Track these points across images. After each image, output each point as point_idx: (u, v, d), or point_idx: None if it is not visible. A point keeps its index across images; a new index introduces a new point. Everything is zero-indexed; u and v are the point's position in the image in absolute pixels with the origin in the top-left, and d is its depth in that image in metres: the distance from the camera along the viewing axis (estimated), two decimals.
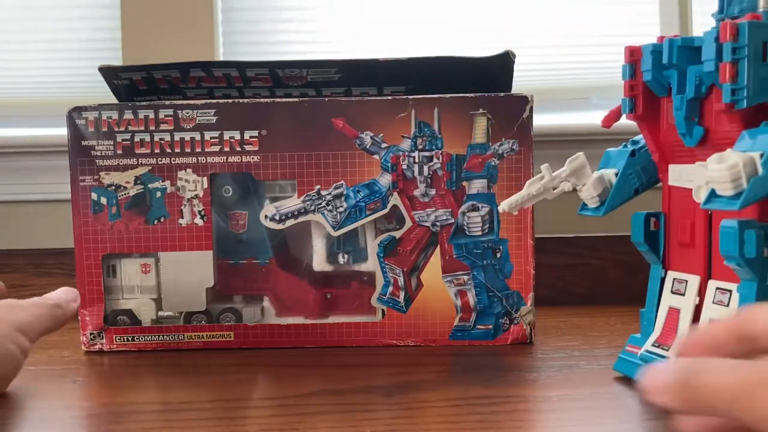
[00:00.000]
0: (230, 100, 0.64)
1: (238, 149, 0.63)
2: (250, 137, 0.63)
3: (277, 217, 0.64)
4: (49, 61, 0.91)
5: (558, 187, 0.54)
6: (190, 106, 0.63)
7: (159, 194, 0.64)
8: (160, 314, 0.65)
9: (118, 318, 0.65)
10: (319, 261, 0.66)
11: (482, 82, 0.64)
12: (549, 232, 0.80)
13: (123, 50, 0.87)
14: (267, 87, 0.67)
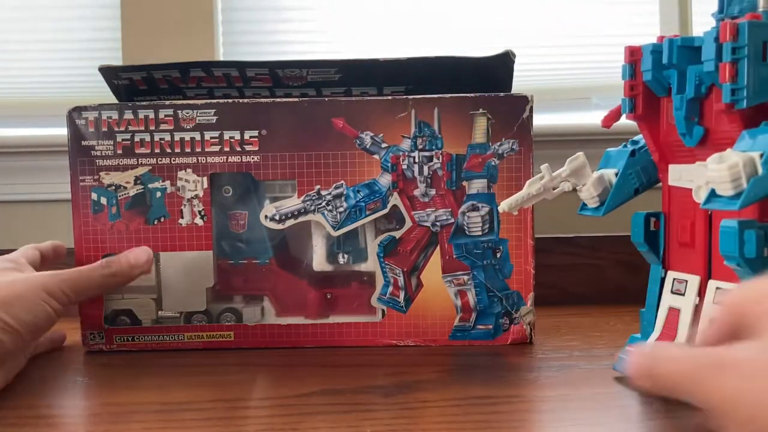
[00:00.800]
0: (230, 100, 0.64)
1: (238, 149, 0.63)
2: (250, 137, 0.63)
3: (277, 217, 0.64)
4: (49, 61, 0.91)
5: (558, 187, 0.54)
6: (190, 106, 0.63)
7: (159, 194, 0.64)
8: (160, 314, 0.65)
9: (119, 318, 0.65)
10: (319, 261, 0.66)
11: (482, 82, 0.64)
12: (549, 232, 0.80)
13: (123, 50, 0.87)
14: (267, 87, 0.67)
